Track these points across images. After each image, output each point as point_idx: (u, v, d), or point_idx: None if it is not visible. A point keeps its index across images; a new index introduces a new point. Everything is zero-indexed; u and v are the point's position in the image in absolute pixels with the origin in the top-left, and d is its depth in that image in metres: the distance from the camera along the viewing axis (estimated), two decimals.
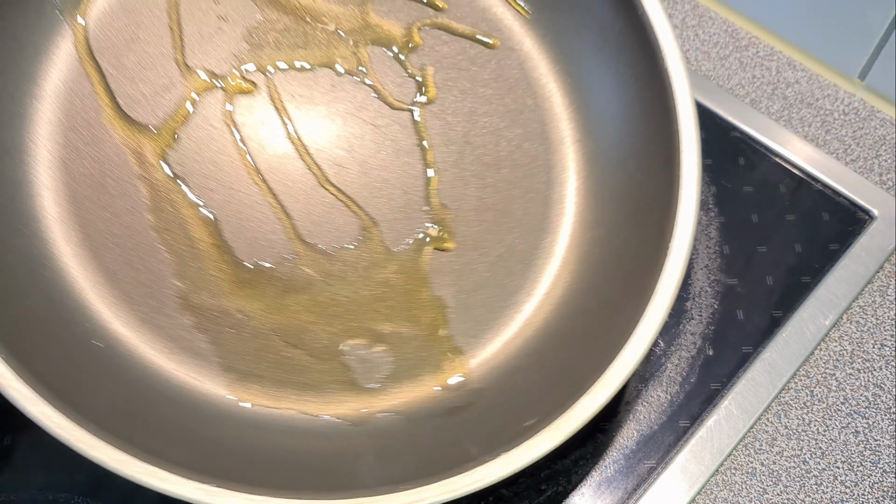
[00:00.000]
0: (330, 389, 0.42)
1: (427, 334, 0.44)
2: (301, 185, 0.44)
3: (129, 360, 0.40)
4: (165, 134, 0.43)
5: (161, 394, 0.40)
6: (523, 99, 0.49)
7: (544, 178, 0.48)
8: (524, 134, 0.48)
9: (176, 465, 0.35)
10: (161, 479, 0.35)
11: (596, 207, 0.47)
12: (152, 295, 0.41)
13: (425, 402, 0.42)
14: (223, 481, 0.35)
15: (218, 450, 0.39)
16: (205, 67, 0.45)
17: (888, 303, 0.54)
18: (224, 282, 0.42)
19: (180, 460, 0.36)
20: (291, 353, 0.42)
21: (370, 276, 0.44)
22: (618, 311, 0.41)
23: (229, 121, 0.45)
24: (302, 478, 0.38)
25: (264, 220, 0.43)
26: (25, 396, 0.35)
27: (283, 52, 0.46)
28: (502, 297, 0.46)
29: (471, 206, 0.46)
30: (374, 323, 0.44)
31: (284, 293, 0.43)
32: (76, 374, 0.38)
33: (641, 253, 0.43)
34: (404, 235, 0.45)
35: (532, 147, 0.48)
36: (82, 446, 0.35)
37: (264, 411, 0.41)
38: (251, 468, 0.38)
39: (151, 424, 0.39)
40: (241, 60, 0.45)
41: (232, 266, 0.42)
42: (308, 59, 0.46)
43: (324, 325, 0.43)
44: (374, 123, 0.46)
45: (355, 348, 0.44)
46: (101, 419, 0.36)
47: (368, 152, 0.46)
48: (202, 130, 0.44)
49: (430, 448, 0.40)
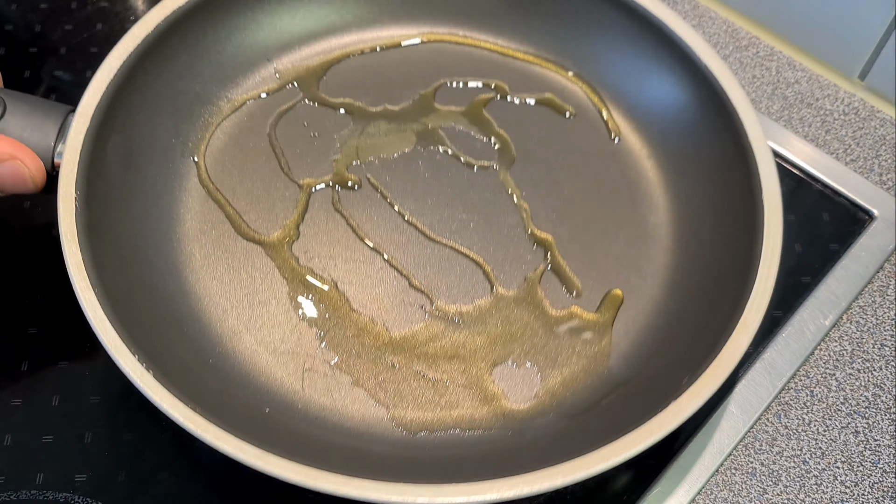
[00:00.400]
0: (482, 411, 0.47)
1: (562, 341, 0.49)
2: (412, 245, 0.51)
3: (299, 417, 0.46)
4: (289, 230, 0.52)
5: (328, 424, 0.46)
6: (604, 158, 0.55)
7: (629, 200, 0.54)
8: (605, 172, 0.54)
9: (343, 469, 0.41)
10: (354, 486, 0.40)
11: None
12: (297, 355, 0.48)
13: (577, 398, 0.47)
14: (394, 482, 0.40)
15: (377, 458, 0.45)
16: (309, 174, 0.54)
17: (888, 303, 0.54)
18: (356, 339, 0.49)
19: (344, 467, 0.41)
20: (437, 379, 0.48)
21: (494, 309, 0.50)
22: (724, 288, 0.47)
23: (339, 207, 0.52)
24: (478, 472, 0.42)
25: (386, 280, 0.50)
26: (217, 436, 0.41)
27: (371, 147, 0.55)
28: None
29: (568, 231, 0.52)
30: (508, 346, 0.49)
31: (422, 342, 0.49)
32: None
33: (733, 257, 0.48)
34: (514, 269, 0.51)
35: (616, 183, 0.54)
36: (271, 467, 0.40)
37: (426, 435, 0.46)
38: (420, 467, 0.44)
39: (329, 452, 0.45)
40: (338, 163, 0.54)
41: (368, 326, 0.49)
42: (392, 145, 0.55)
43: (461, 360, 0.48)
44: (462, 182, 0.54)
45: (501, 370, 0.48)
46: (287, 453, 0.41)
47: (464, 206, 0.53)
48: (318, 222, 0.52)
49: (593, 431, 0.44)
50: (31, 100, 0.48)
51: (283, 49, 0.57)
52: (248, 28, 0.56)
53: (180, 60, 0.53)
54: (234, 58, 0.56)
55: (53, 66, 0.63)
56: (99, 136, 0.48)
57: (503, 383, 0.47)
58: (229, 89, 0.56)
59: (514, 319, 0.49)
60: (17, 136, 0.47)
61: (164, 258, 0.50)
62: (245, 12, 0.55)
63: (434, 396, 0.47)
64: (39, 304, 0.53)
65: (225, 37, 0.55)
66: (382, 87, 0.57)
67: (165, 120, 0.53)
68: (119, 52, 0.50)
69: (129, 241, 0.48)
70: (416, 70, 0.57)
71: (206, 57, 0.55)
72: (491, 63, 0.57)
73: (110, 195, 0.48)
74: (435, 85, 0.57)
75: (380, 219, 0.52)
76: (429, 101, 0.56)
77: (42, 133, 0.47)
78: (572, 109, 0.56)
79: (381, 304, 0.50)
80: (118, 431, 0.49)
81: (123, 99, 0.50)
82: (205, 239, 0.51)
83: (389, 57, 0.58)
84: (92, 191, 0.47)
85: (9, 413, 0.50)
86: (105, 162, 0.48)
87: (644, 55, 0.54)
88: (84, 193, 0.46)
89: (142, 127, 0.51)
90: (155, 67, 0.52)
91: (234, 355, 0.48)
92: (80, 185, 0.46)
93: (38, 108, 0.48)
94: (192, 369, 0.46)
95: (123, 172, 0.50)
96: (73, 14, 0.65)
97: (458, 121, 0.56)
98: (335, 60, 0.57)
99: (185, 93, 0.54)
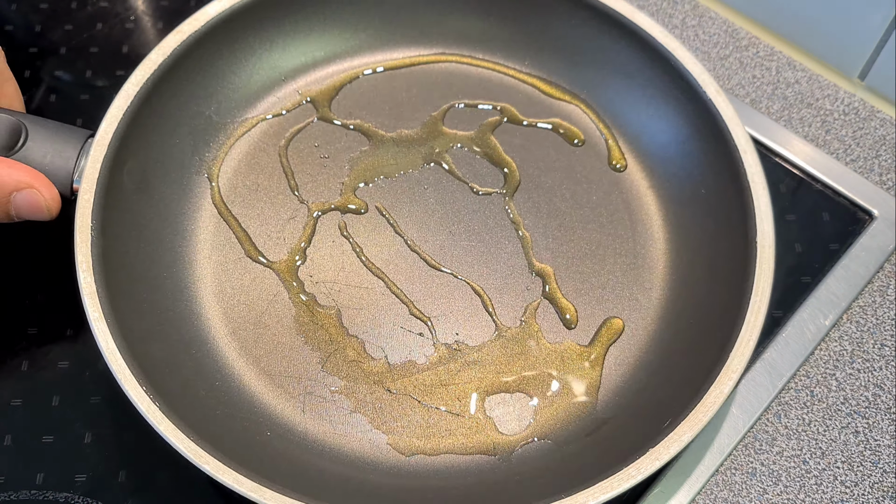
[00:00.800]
0: (472, 439, 0.48)
1: (556, 373, 0.50)
2: (414, 271, 0.52)
3: (300, 442, 0.48)
4: (296, 253, 0.53)
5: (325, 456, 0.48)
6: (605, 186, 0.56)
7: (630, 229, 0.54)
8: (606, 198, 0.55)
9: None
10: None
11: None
12: (300, 379, 0.49)
13: (567, 430, 0.48)
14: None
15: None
16: (319, 196, 0.55)
17: (888, 303, 0.54)
18: (356, 365, 0.50)
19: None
20: (431, 406, 0.49)
21: (490, 340, 0.50)
22: (713, 326, 0.48)
23: (346, 233, 0.53)
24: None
25: (387, 306, 0.51)
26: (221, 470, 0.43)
27: (379, 170, 0.55)
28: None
29: (567, 262, 0.53)
30: (503, 376, 0.49)
31: (419, 369, 0.50)
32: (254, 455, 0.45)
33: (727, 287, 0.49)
34: (512, 300, 0.52)
35: (616, 210, 0.55)
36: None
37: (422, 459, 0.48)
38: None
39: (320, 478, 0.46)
40: (346, 185, 0.55)
41: (367, 352, 0.50)
42: (400, 168, 0.55)
43: (456, 388, 0.49)
44: (467, 208, 0.54)
45: (494, 400, 0.49)
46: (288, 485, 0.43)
47: (467, 233, 0.54)
48: (325, 246, 0.53)
49: (578, 465, 0.46)
50: (51, 125, 0.49)
51: (296, 70, 0.58)
52: (262, 49, 0.56)
53: (195, 83, 0.54)
54: (249, 79, 0.56)
55: (54, 67, 0.63)
56: (116, 162, 0.49)
57: (495, 412, 0.48)
58: (243, 110, 0.56)
59: (509, 350, 0.50)
60: (38, 163, 0.48)
61: (176, 281, 0.51)
62: (260, 34, 0.56)
63: (428, 424, 0.48)
64: (39, 304, 0.53)
65: (239, 59, 0.56)
66: (393, 109, 0.57)
67: (180, 141, 0.54)
68: (136, 79, 0.51)
69: (142, 265, 0.49)
70: (426, 92, 0.58)
71: (220, 79, 0.55)
72: (501, 86, 0.58)
73: (125, 221, 0.49)
74: (444, 107, 0.57)
75: (384, 244, 0.53)
76: (438, 124, 0.57)
77: (62, 159, 0.48)
78: (581, 136, 0.56)
79: (382, 330, 0.50)
80: (118, 432, 0.50)
81: (140, 124, 0.51)
82: (216, 261, 0.52)
83: (401, 78, 0.58)
84: (108, 218, 0.48)
85: (9, 413, 0.50)
86: (121, 188, 0.49)
87: (651, 85, 0.54)
88: (100, 222, 0.47)
89: (157, 150, 0.52)
90: (170, 91, 0.53)
91: (240, 378, 0.49)
92: (97, 215, 0.47)
93: (58, 133, 0.49)
94: (199, 393, 0.47)
95: (138, 196, 0.51)
96: (74, 14, 0.65)
97: (466, 144, 0.56)
98: (347, 81, 0.58)
99: (199, 114, 0.54)
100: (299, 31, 0.57)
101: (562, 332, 0.51)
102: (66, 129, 0.49)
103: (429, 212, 0.54)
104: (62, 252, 0.48)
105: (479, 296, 0.52)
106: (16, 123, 0.48)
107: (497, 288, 0.52)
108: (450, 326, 0.51)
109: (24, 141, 0.48)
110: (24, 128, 0.48)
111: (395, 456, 0.47)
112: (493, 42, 0.58)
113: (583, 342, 0.50)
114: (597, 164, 0.56)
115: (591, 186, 0.55)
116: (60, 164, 0.48)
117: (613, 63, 0.56)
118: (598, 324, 0.51)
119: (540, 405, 0.49)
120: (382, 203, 0.54)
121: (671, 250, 0.53)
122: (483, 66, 0.59)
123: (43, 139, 0.48)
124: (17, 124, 0.48)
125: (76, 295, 0.45)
